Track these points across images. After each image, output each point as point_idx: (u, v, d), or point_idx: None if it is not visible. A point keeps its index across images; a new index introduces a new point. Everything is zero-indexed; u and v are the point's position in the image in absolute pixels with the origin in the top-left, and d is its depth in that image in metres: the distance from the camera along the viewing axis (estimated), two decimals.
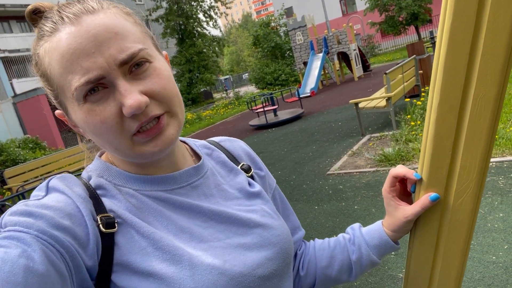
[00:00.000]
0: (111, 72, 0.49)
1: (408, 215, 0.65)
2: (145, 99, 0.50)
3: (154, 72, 0.53)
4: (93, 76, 0.49)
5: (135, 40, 0.52)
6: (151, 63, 0.53)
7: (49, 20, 0.52)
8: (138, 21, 0.57)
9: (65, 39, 0.49)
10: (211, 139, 0.77)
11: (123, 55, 0.50)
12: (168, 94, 0.54)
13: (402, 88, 6.35)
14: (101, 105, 0.50)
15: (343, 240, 0.77)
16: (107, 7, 0.54)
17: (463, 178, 0.60)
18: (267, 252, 0.60)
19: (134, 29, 0.54)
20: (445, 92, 0.56)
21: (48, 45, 0.51)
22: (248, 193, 0.68)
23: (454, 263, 0.66)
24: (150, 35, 0.59)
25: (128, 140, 0.52)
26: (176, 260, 0.52)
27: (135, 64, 0.51)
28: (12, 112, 17.76)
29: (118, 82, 0.50)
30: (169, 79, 0.55)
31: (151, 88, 0.52)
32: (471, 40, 0.52)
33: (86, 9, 0.51)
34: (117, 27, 0.51)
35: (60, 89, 0.53)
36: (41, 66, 0.53)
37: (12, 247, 0.41)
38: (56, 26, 0.51)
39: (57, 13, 0.52)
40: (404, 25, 20.47)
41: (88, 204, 0.52)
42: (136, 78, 0.52)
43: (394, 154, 4.52)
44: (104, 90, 0.50)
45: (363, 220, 3.33)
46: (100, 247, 0.50)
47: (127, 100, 0.49)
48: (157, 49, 0.59)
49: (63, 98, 0.54)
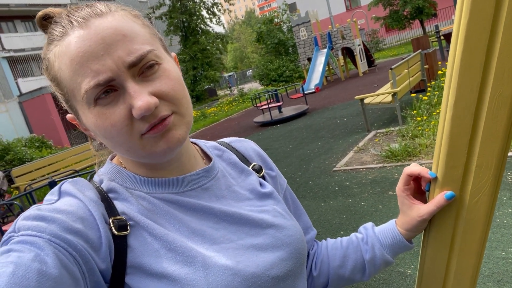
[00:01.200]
0: (120, 74, 0.49)
1: (423, 214, 0.64)
2: (154, 100, 0.50)
3: (164, 74, 0.53)
4: (102, 78, 0.49)
5: (144, 42, 0.52)
6: (160, 65, 0.53)
7: (59, 25, 0.52)
8: (147, 23, 0.57)
9: (74, 42, 0.50)
10: (222, 140, 0.77)
11: (132, 57, 0.50)
12: (177, 95, 0.54)
13: (407, 83, 6.30)
14: (111, 108, 0.51)
15: (355, 239, 0.76)
16: (115, 9, 0.54)
17: (479, 177, 0.59)
18: (280, 252, 0.60)
19: (143, 31, 0.54)
20: (461, 91, 0.55)
21: (58, 49, 0.51)
22: (259, 193, 0.67)
23: (469, 262, 0.65)
24: (159, 37, 0.59)
25: (138, 140, 0.52)
26: (190, 261, 0.52)
27: (145, 67, 0.51)
28: (18, 111, 17.88)
29: (127, 84, 0.50)
30: (178, 80, 0.55)
31: (160, 89, 0.52)
32: (488, 38, 0.51)
33: (95, 13, 0.52)
34: (125, 29, 0.51)
35: (71, 93, 0.53)
36: (51, 71, 0.54)
37: (25, 251, 0.41)
38: (66, 30, 0.51)
39: (66, 18, 0.52)
40: (408, 19, 20.31)
41: (100, 207, 0.53)
42: (145, 80, 0.52)
43: (400, 149, 4.50)
44: (114, 93, 0.51)
45: (370, 216, 3.32)
46: (113, 250, 0.51)
47: (136, 101, 0.49)
48: (166, 51, 0.59)
49: (74, 101, 0.54)
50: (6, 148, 9.66)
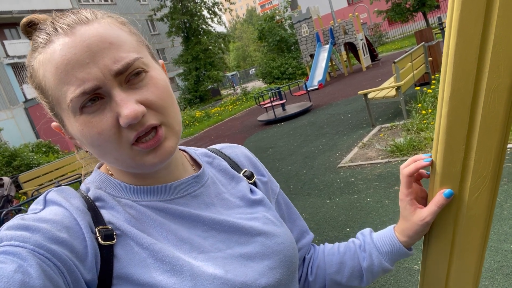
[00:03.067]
0: (106, 82, 0.49)
1: (425, 216, 0.62)
2: (141, 108, 0.49)
3: (151, 82, 0.52)
4: (88, 87, 0.48)
5: (130, 50, 0.51)
6: (147, 72, 0.52)
7: (43, 32, 0.51)
8: (134, 30, 0.56)
9: (59, 50, 0.49)
10: (212, 147, 0.76)
11: (118, 65, 0.49)
12: (164, 104, 0.53)
13: (411, 77, 6.25)
14: (97, 117, 0.50)
15: (353, 246, 0.75)
16: (101, 17, 0.53)
17: (478, 172, 0.58)
18: (269, 261, 0.59)
19: (130, 38, 0.53)
20: (456, 85, 0.54)
21: (42, 57, 0.50)
22: (250, 200, 0.66)
23: (472, 258, 0.64)
24: (146, 44, 0.58)
25: (127, 150, 0.51)
26: (177, 271, 0.51)
27: (131, 74, 0.51)
28: (24, 117, 18.02)
29: (114, 92, 0.49)
30: (166, 88, 0.54)
31: (147, 98, 0.51)
32: (482, 29, 0.50)
33: (80, 20, 0.51)
34: (111, 37, 0.50)
35: (56, 101, 0.52)
36: (35, 78, 0.53)
37: (8, 262, 0.40)
38: (50, 38, 0.50)
39: (51, 24, 0.51)
40: (411, 11, 20.14)
41: (86, 216, 0.51)
42: (132, 88, 0.51)
43: (405, 144, 4.47)
44: (100, 101, 0.50)
45: (376, 212, 3.30)
46: (99, 260, 0.49)
47: (123, 110, 0.48)
48: (153, 58, 0.58)
49: (59, 110, 0.53)
50: (13, 154, 9.75)
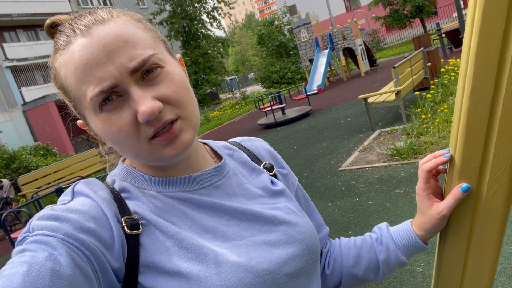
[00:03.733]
0: (123, 80, 0.50)
1: (441, 209, 0.64)
2: (158, 104, 0.50)
3: (167, 77, 0.53)
4: (106, 85, 0.49)
5: (146, 46, 0.52)
6: (163, 68, 0.53)
7: (63, 34, 0.53)
8: (149, 27, 0.57)
9: (77, 51, 0.50)
10: (232, 140, 0.77)
11: (134, 63, 0.50)
12: (180, 99, 0.54)
13: (411, 82, 6.29)
14: (116, 114, 0.51)
15: (370, 239, 0.76)
16: (116, 15, 0.54)
17: (497, 167, 0.59)
18: (292, 249, 0.60)
19: (145, 35, 0.54)
20: (477, 81, 0.55)
21: (63, 58, 0.52)
22: (271, 191, 0.67)
23: (488, 253, 0.65)
24: (162, 39, 0.59)
25: (146, 145, 0.53)
26: (202, 258, 0.52)
27: (147, 70, 0.52)
28: (22, 120, 17.97)
29: (131, 89, 0.50)
30: (182, 83, 0.55)
31: (164, 93, 0.52)
32: (504, 26, 0.51)
33: (97, 20, 0.52)
34: (126, 34, 0.51)
35: (78, 100, 0.54)
36: (58, 79, 0.55)
37: (39, 251, 0.42)
38: (69, 39, 0.52)
39: (69, 26, 0.53)
40: (409, 18, 20.27)
41: (112, 206, 0.53)
42: (149, 84, 0.52)
43: (406, 147, 4.49)
44: (119, 98, 0.51)
45: (378, 215, 3.31)
46: (125, 249, 0.51)
47: (140, 106, 0.50)
48: (170, 53, 0.59)
49: (81, 108, 0.55)
50: (12, 157, 9.72)
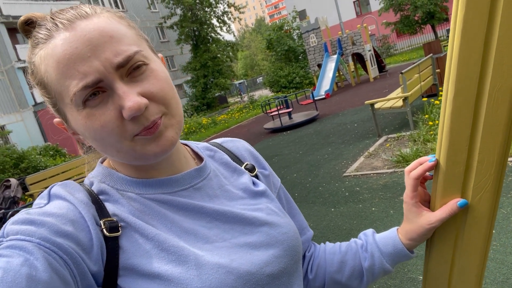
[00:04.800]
0: (108, 76, 0.49)
1: (433, 221, 0.62)
2: (144, 100, 0.50)
3: (152, 74, 0.53)
4: (90, 80, 0.48)
5: (130, 43, 0.52)
6: (148, 65, 0.53)
7: (43, 28, 0.52)
8: (132, 24, 0.57)
9: (60, 45, 0.49)
10: (213, 141, 0.77)
11: (119, 58, 0.50)
12: (165, 96, 0.53)
13: (419, 88, 6.24)
14: (100, 109, 0.50)
15: (355, 245, 0.75)
16: (100, 11, 0.54)
17: (481, 173, 0.58)
18: (274, 250, 0.60)
19: (129, 32, 0.54)
20: (459, 85, 0.54)
21: (44, 52, 0.51)
22: (252, 192, 0.67)
23: (474, 261, 0.64)
24: (145, 38, 0.59)
25: (129, 142, 0.52)
26: (182, 260, 0.51)
27: (133, 67, 0.51)
28: (33, 120, 18.23)
29: (116, 85, 0.49)
30: (167, 80, 0.55)
31: (149, 90, 0.52)
32: (486, 29, 0.50)
33: (80, 14, 0.51)
34: (111, 30, 0.51)
35: (58, 96, 0.52)
36: (37, 74, 0.53)
37: (14, 256, 0.41)
38: (51, 33, 0.50)
39: (51, 20, 0.52)
40: (420, 24, 20.17)
41: (90, 209, 0.52)
42: (133, 81, 0.51)
43: (412, 154, 4.44)
44: (103, 94, 0.50)
45: (381, 222, 3.28)
46: (104, 252, 0.50)
47: (126, 102, 0.49)
48: (153, 51, 0.59)
49: (62, 105, 0.53)
50: (21, 157, 9.84)
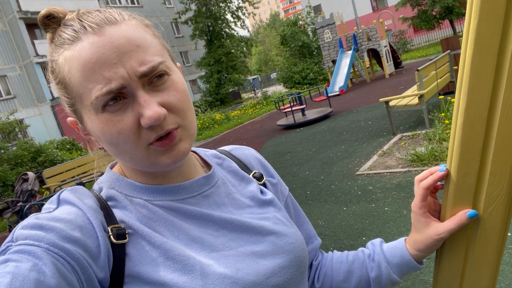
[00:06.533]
0: (131, 83, 0.50)
1: (441, 232, 0.61)
2: (164, 111, 0.50)
3: (172, 85, 0.54)
4: (114, 86, 0.49)
5: (155, 53, 0.53)
6: (170, 76, 0.54)
7: (70, 28, 0.52)
8: (157, 34, 0.58)
9: (88, 48, 0.50)
10: (222, 149, 0.77)
11: (144, 68, 0.50)
12: (183, 108, 0.54)
13: (435, 85, 6.12)
14: (119, 116, 0.51)
15: (362, 255, 0.74)
16: (128, 18, 0.54)
17: (494, 185, 0.56)
18: (280, 260, 0.59)
19: (154, 41, 0.54)
20: (472, 96, 0.53)
21: (69, 53, 0.51)
22: (260, 201, 0.67)
23: (485, 274, 0.62)
24: (167, 48, 0.59)
25: (144, 150, 0.52)
26: (188, 269, 0.51)
27: (155, 76, 0.52)
28: (51, 114, 18.60)
29: (138, 92, 0.50)
30: (185, 92, 0.56)
31: (168, 101, 0.52)
32: (500, 39, 0.49)
33: (109, 20, 0.52)
34: (138, 39, 0.52)
35: (78, 98, 0.53)
36: (59, 74, 0.54)
37: (23, 261, 0.41)
38: (78, 35, 0.51)
39: (78, 22, 0.52)
40: (437, 19, 19.76)
41: (98, 215, 0.52)
42: (154, 90, 0.52)
43: (427, 153, 4.37)
44: (123, 100, 0.51)
45: (393, 222, 3.24)
46: (111, 259, 0.50)
47: (146, 111, 0.49)
48: (173, 61, 0.60)
49: (80, 106, 0.54)
50: (39, 150, 10.05)
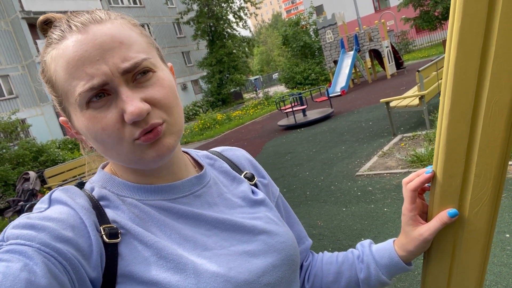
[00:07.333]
0: (114, 79, 0.50)
1: (423, 232, 0.61)
2: (146, 106, 0.51)
3: (157, 81, 0.54)
4: (96, 82, 0.49)
5: (139, 50, 0.53)
6: (155, 72, 0.54)
7: (58, 29, 0.54)
8: (145, 33, 0.58)
9: (71, 46, 0.51)
10: (213, 150, 0.78)
11: (126, 64, 0.51)
12: (168, 104, 0.54)
13: (436, 86, 6.11)
14: (102, 112, 0.51)
15: (351, 256, 0.74)
16: (114, 17, 0.55)
17: (478, 187, 0.56)
18: (272, 259, 0.60)
19: (140, 39, 0.55)
20: (456, 97, 0.53)
21: (55, 52, 0.52)
22: (251, 201, 0.67)
23: (472, 274, 0.63)
24: (156, 46, 0.60)
25: (129, 145, 0.52)
26: (181, 268, 0.51)
27: (139, 73, 0.52)
28: (53, 114, 18.64)
29: (120, 89, 0.51)
30: (172, 89, 0.56)
31: (152, 96, 0.53)
32: (482, 41, 0.49)
33: (94, 19, 0.53)
34: (122, 37, 0.52)
35: (64, 95, 0.53)
36: (47, 73, 0.54)
37: (14, 261, 0.41)
38: (64, 34, 0.52)
39: (66, 22, 0.53)
40: (440, 19, 19.68)
41: (91, 215, 0.52)
42: (139, 86, 0.52)
43: (427, 154, 4.36)
44: (107, 97, 0.51)
45: (393, 223, 3.24)
46: (103, 258, 0.50)
47: (128, 106, 0.50)
48: (162, 60, 0.60)
49: (67, 104, 0.54)
50: (40, 150, 10.08)
